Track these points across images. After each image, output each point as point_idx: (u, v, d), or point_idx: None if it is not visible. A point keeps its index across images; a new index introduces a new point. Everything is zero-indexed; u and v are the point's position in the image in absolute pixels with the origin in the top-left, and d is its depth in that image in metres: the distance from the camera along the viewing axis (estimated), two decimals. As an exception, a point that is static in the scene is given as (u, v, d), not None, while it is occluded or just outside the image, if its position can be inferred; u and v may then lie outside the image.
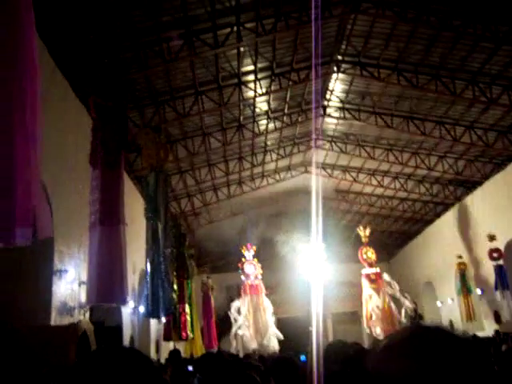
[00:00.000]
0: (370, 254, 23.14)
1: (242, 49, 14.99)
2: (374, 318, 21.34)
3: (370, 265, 22.74)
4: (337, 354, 3.93)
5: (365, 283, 22.39)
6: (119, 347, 1.19)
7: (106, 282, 6.93)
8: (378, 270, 22.79)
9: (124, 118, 8.62)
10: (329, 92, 19.60)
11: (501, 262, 17.67)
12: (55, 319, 9.88)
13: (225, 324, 23.64)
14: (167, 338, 12.57)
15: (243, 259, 23.26)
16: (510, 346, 10.82)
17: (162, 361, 14.07)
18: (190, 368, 6.53)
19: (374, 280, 22.20)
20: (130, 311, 15.27)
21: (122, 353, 1.10)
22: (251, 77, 16.65)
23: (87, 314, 11.57)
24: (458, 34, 14.11)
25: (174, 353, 8.48)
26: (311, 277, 21.07)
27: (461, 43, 14.71)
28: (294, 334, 25.69)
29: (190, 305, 13.22)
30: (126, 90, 8.62)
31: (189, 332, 12.59)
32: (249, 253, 23.35)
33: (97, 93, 8.69)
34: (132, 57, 13.18)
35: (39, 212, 3.61)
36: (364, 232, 23.58)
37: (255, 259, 23.32)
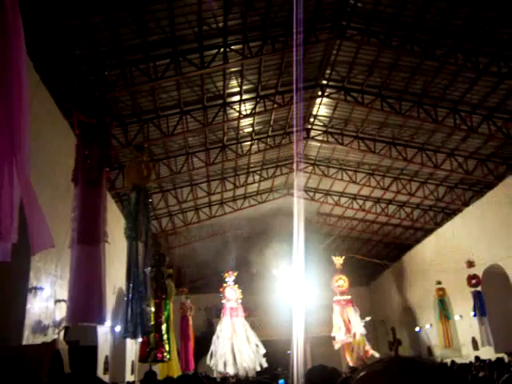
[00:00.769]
0: (342, 282, 24.07)
1: (227, 70, 15.11)
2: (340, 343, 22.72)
3: (342, 293, 23.78)
4: (317, 379, 3.88)
5: (336, 310, 23.44)
6: (88, 377, 1.15)
7: (85, 301, 6.79)
8: (349, 297, 23.73)
9: (107, 136, 8.56)
10: (313, 116, 19.79)
11: (479, 288, 17.80)
12: (28, 338, 9.63)
13: (202, 346, 23.35)
14: (142, 359, 12.31)
15: (224, 284, 23.82)
16: (486, 374, 10.82)
17: (138, 382, 13.80)
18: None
19: (344, 305, 23.31)
20: (105, 330, 14.99)
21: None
22: (236, 98, 16.75)
23: (62, 333, 11.31)
24: (441, 63, 14.40)
25: (150, 374, 8.31)
26: (291, 300, 21.05)
27: (443, 72, 15.03)
28: (272, 357, 25.45)
29: (168, 326, 13.01)
30: (110, 107, 8.55)
31: (165, 353, 12.37)
32: (230, 278, 23.98)
33: (80, 109, 8.64)
34: (118, 74, 13.18)
35: (36, 226, 3.55)
36: (338, 260, 24.45)
37: (236, 285, 23.95)
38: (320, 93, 17.82)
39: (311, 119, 20.07)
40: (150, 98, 15.22)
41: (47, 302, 10.72)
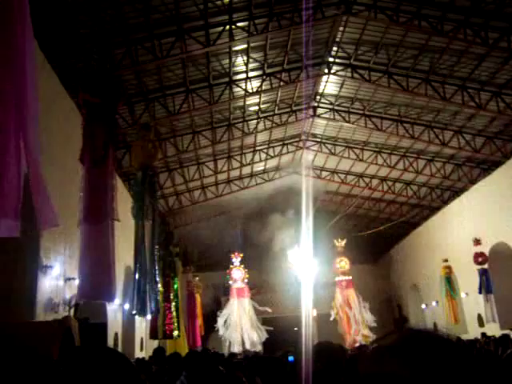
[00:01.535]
0: (344, 263, 24.85)
1: (233, 48, 14.99)
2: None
3: (343, 273, 24.58)
4: (324, 355, 3.94)
5: (337, 290, 24.30)
6: (100, 348, 1.19)
7: (94, 279, 6.89)
8: (350, 277, 24.52)
9: (113, 115, 8.56)
10: (319, 93, 19.65)
11: (485, 266, 17.84)
12: (40, 315, 9.80)
13: (210, 323, 23.67)
14: (153, 336, 12.53)
15: (231, 266, 24.64)
16: (492, 349, 10.91)
17: (147, 358, 14.03)
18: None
19: (346, 287, 24.21)
20: (115, 308, 15.19)
21: (103, 354, 1.10)
22: (242, 76, 16.64)
23: (72, 311, 11.48)
24: (449, 39, 14.20)
25: (158, 351, 8.44)
26: (299, 277, 21.30)
27: (451, 48, 14.82)
28: (280, 333, 25.74)
29: (176, 303, 13.17)
30: (115, 86, 8.54)
31: (174, 330, 12.55)
32: (236, 259, 24.78)
33: (86, 89, 8.63)
34: (123, 53, 13.10)
35: (41, 204, 3.59)
36: (340, 243, 25.19)
37: (242, 265, 24.77)
38: (327, 70, 17.65)
39: (318, 97, 19.93)
40: (156, 77, 15.16)
41: (57, 280, 10.86)
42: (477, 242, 18.02)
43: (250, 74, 16.67)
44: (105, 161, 7.85)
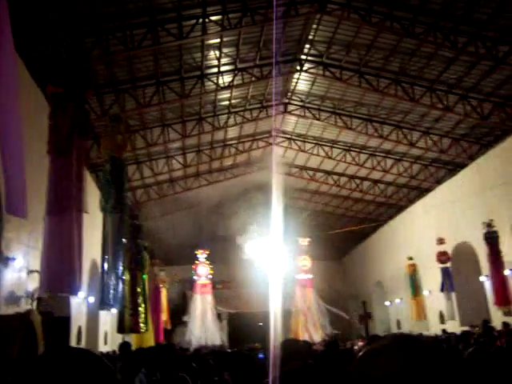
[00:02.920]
0: (306, 262, 25.50)
1: (206, 42, 14.88)
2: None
3: (305, 272, 25.24)
4: (291, 352, 3.97)
5: (297, 288, 24.79)
6: (72, 348, 1.15)
7: (59, 271, 6.74)
8: (310, 276, 25.14)
9: (79, 104, 8.34)
10: (290, 90, 19.72)
11: (448, 265, 18.27)
12: (1, 309, 9.55)
13: (176, 318, 23.61)
14: (120, 330, 12.40)
15: (197, 261, 25.11)
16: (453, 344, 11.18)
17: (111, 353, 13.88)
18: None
19: (305, 286, 24.91)
20: (79, 302, 14.95)
21: (76, 354, 1.06)
22: (214, 70, 16.54)
23: (35, 304, 11.24)
24: (420, 41, 14.41)
25: (124, 345, 8.34)
26: (266, 273, 21.43)
27: (421, 51, 15.05)
28: (245, 329, 25.95)
29: (144, 297, 13.06)
30: (82, 75, 8.31)
31: (141, 324, 12.45)
32: (202, 256, 25.26)
33: (51, 78, 8.41)
34: (93, 42, 12.84)
35: (14, 190, 3.51)
36: (304, 241, 25.79)
37: (207, 261, 25.24)
38: (299, 67, 17.72)
39: (289, 94, 20.00)
40: (126, 68, 14.92)
41: (20, 272, 10.61)
42: (440, 241, 18.43)
43: (222, 69, 16.59)
44: (69, 151, 7.67)
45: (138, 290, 12.54)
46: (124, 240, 9.32)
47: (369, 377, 0.91)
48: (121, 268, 8.91)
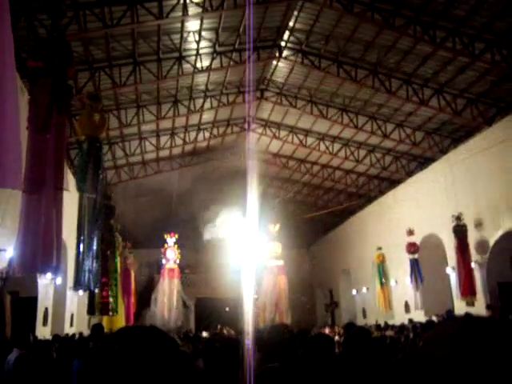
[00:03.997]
0: (277, 248, 25.44)
1: (185, 25, 14.65)
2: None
3: (275, 258, 25.24)
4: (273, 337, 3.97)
5: (266, 274, 24.75)
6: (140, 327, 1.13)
7: (35, 251, 6.58)
8: (281, 262, 25.17)
9: (59, 79, 8.10)
10: (268, 77, 19.65)
11: (416, 255, 18.62)
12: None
13: (143, 301, 23.51)
14: (90, 311, 12.25)
15: (165, 245, 24.86)
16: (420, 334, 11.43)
17: (77, 334, 13.70)
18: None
19: (276, 273, 24.88)
20: (46, 283, 14.68)
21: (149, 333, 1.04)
22: (192, 52, 16.32)
23: (0, 284, 10.98)
24: (399, 34, 14.51)
25: (97, 327, 8.26)
26: (236, 258, 21.48)
27: (400, 43, 15.16)
28: (212, 314, 26.03)
29: (115, 279, 12.92)
30: (62, 49, 8.06)
31: (112, 306, 12.32)
32: (171, 239, 25.06)
33: (32, 52, 8.14)
34: (70, 17, 12.45)
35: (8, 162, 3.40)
36: (273, 228, 25.70)
37: (176, 245, 25.02)
38: (277, 54, 17.65)
39: (266, 80, 19.93)
40: (103, 46, 14.55)
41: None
42: (410, 232, 18.75)
43: (201, 52, 16.38)
44: (48, 127, 7.46)
45: (110, 272, 12.40)
46: (99, 221, 9.16)
47: (437, 363, 0.90)
48: (95, 249, 8.77)
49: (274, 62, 18.51)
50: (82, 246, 8.53)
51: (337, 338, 14.41)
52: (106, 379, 0.93)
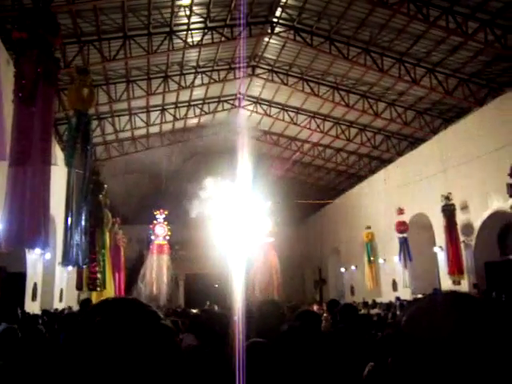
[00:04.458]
0: (268, 225, 25.41)
1: (176, 2, 14.41)
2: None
3: (267, 235, 25.22)
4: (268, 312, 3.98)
5: (259, 251, 24.57)
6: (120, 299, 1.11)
7: (23, 225, 6.52)
8: (271, 239, 25.28)
9: (45, 50, 7.92)
10: (259, 54, 19.45)
11: (405, 234, 18.77)
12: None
13: (133, 277, 23.59)
14: (79, 287, 12.26)
15: (155, 221, 25.19)
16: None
17: (67, 309, 13.74)
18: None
19: (267, 249, 25.05)
20: (35, 258, 14.64)
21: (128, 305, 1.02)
22: (183, 27, 16.08)
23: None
24: (393, 11, 14.35)
25: (86, 302, 8.28)
26: (226, 234, 21.51)
27: (394, 22, 15.01)
28: (201, 290, 26.18)
29: (103, 255, 12.90)
30: (49, 20, 7.86)
31: (99, 282, 12.33)
32: (160, 216, 25.37)
33: (16, 22, 7.95)
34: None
35: None
36: (264, 206, 25.49)
37: (166, 222, 25.32)
38: (270, 30, 17.44)
39: (257, 57, 19.73)
40: (91, 20, 14.27)
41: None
42: (400, 211, 18.86)
43: (192, 27, 16.14)
44: (34, 99, 7.33)
45: (98, 247, 12.38)
46: (88, 197, 9.10)
47: (420, 339, 0.89)
48: (83, 224, 8.73)
49: (266, 39, 18.31)
50: (70, 221, 8.48)
51: (325, 314, 14.56)
52: (85, 350, 0.92)
